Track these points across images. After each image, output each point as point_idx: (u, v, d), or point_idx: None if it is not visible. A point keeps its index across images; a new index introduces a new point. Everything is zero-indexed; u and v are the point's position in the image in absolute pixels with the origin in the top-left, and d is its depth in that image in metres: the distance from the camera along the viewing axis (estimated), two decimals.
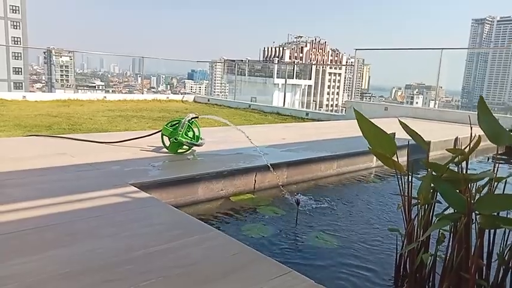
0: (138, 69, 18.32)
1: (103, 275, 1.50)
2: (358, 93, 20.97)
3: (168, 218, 2.15)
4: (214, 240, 1.89)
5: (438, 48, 9.44)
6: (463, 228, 1.71)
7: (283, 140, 4.79)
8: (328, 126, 7.40)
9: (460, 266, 1.74)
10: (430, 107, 10.06)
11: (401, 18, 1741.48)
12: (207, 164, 3.34)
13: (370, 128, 1.95)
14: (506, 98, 66.03)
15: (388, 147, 1.95)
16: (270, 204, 3.12)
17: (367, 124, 1.96)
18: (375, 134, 1.95)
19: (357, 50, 10.66)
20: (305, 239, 2.51)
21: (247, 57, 29.02)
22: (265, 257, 1.73)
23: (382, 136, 1.93)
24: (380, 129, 1.94)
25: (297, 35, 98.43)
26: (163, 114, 9.87)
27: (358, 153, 4.35)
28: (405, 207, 1.96)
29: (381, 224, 2.83)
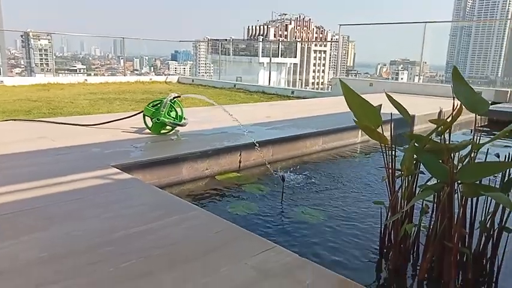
0: (120, 51, 17.91)
1: (83, 257, 1.47)
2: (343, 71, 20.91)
3: (150, 199, 2.12)
4: (197, 219, 1.87)
5: (421, 22, 9.40)
6: (446, 197, 1.72)
7: (269, 118, 4.76)
8: (314, 103, 7.38)
9: (443, 235, 1.75)
10: (415, 82, 10.09)
11: None
12: (191, 144, 3.29)
13: (356, 100, 1.93)
14: (488, 72, 66.76)
15: (374, 119, 1.94)
16: (256, 182, 3.11)
17: (353, 96, 1.93)
18: (361, 106, 1.93)
19: (341, 26, 10.56)
20: (291, 214, 2.51)
21: (232, 36, 28.50)
22: (250, 233, 1.72)
23: (368, 108, 1.92)
24: (366, 101, 1.92)
25: (281, 12, 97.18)
26: (146, 96, 9.70)
27: (343, 129, 4.35)
28: (389, 179, 1.96)
29: (366, 197, 2.85)
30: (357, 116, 1.96)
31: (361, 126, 1.99)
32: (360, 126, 1.99)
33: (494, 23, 67.32)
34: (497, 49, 68.59)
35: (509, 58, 15.57)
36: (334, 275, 1.45)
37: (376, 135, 1.95)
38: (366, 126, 1.96)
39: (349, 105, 1.96)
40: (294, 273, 1.41)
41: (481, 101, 1.88)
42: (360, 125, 1.98)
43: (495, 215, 1.80)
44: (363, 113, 1.95)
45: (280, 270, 1.42)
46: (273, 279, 1.36)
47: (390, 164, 1.95)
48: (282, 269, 1.42)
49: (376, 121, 1.94)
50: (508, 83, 12.46)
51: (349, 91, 1.93)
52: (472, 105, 1.85)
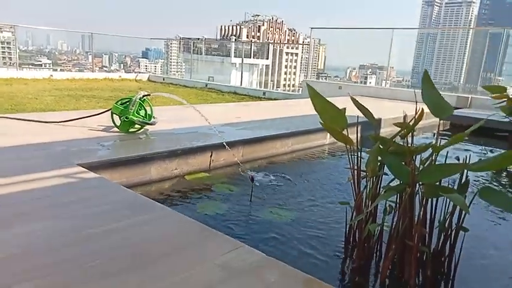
0: (88, 46, 17.41)
1: (46, 258, 1.43)
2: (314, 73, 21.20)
3: (117, 198, 2.08)
4: (165, 218, 1.86)
5: (389, 28, 9.69)
6: (407, 198, 1.79)
7: (240, 119, 4.77)
8: (284, 105, 7.45)
9: (404, 234, 1.82)
10: (382, 86, 10.38)
11: None
12: (160, 143, 3.25)
13: (322, 103, 1.98)
14: (452, 78, 69.68)
15: (339, 122, 1.99)
16: (226, 182, 3.11)
17: (319, 99, 1.98)
18: (327, 109, 1.98)
19: (312, 29, 10.72)
20: (259, 214, 2.53)
21: (204, 36, 28.29)
22: (218, 233, 1.72)
23: (334, 110, 1.97)
24: (331, 104, 1.97)
25: (254, 13, 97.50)
26: (115, 93, 9.49)
27: (312, 131, 4.42)
28: (354, 180, 2.02)
29: (332, 197, 2.91)
30: (323, 118, 2.01)
31: (326, 128, 2.04)
32: (326, 128, 2.05)
33: (457, 31, 70.21)
34: (460, 56, 71.66)
35: (470, 66, 16.27)
36: (299, 274, 1.47)
37: (342, 137, 2.00)
38: (332, 128, 2.01)
39: (315, 108, 2.00)
40: (260, 272, 1.42)
41: (446, 106, 1.96)
42: (325, 127, 2.03)
43: (453, 215, 1.88)
44: (328, 115, 2.00)
45: (246, 269, 1.43)
46: (239, 278, 1.38)
47: (355, 165, 2.01)
48: (248, 268, 1.44)
49: (341, 123, 1.99)
50: (469, 89, 13.01)
51: (316, 94, 1.97)
52: (437, 109, 1.93)
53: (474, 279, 1.99)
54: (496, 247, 2.37)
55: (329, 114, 2.00)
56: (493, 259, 2.21)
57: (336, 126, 2.01)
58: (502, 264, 2.17)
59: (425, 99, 1.92)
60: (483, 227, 2.59)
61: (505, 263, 2.19)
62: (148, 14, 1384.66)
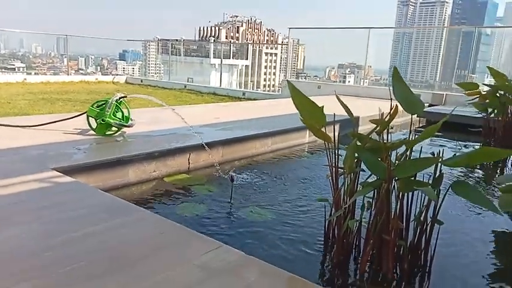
0: (63, 49, 17.04)
1: (20, 264, 1.40)
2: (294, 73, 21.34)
3: (93, 202, 2.05)
4: (142, 221, 1.84)
5: (366, 27, 9.84)
6: (384, 193, 1.82)
7: (219, 120, 4.75)
8: (264, 105, 7.47)
9: (381, 229, 1.85)
10: (361, 85, 10.52)
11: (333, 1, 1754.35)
12: (138, 146, 3.21)
13: (302, 100, 1.99)
14: (428, 76, 71.32)
15: (319, 119, 2.01)
16: (205, 183, 3.10)
17: (299, 96, 1.99)
18: (307, 106, 2.00)
19: (290, 29, 10.78)
20: (239, 214, 2.53)
21: (182, 37, 28.08)
22: (196, 234, 1.71)
23: (313, 108, 1.99)
24: (311, 101, 1.99)
25: (233, 14, 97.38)
26: (92, 96, 9.32)
27: (291, 130, 4.44)
28: (333, 177, 2.04)
29: (312, 195, 2.93)
30: (303, 116, 2.03)
31: (307, 124, 2.06)
32: (306, 125, 2.06)
33: (432, 30, 71.89)
34: (435, 55, 73.34)
35: (445, 64, 16.67)
36: (279, 271, 1.48)
37: (321, 134, 2.02)
38: (312, 125, 2.03)
39: (295, 105, 2.02)
40: (240, 271, 1.42)
41: (417, 103, 2.01)
42: (306, 123, 2.05)
43: (428, 208, 1.92)
44: (308, 112, 2.02)
45: (225, 269, 1.43)
46: (218, 278, 1.37)
47: (334, 162, 2.03)
48: (227, 268, 1.44)
49: (320, 120, 2.01)
50: (445, 87, 13.32)
51: (296, 91, 1.99)
52: (409, 106, 1.97)
53: (448, 270, 2.03)
54: (468, 239, 2.43)
55: (308, 111, 2.02)
56: (465, 251, 2.27)
57: (315, 123, 2.03)
58: (473, 255, 2.23)
59: (397, 97, 1.95)
60: (457, 220, 2.66)
61: (475, 254, 2.25)
62: (126, 16, 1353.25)
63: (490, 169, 4.31)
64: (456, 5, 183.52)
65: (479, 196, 1.75)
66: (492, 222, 2.65)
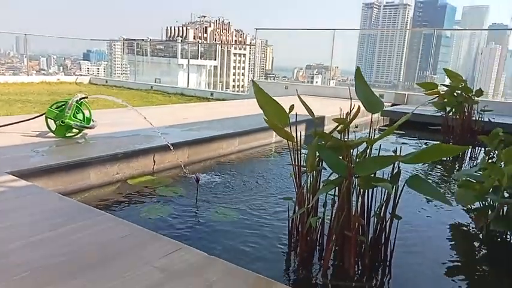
0: (23, 49, 16.35)
1: None
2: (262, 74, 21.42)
3: (51, 206, 1.98)
4: (102, 224, 1.79)
5: (331, 28, 10.03)
6: (344, 190, 1.86)
7: (186, 120, 4.71)
8: (232, 105, 7.46)
9: (343, 225, 1.89)
10: (329, 85, 10.71)
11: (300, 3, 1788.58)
12: (100, 147, 3.13)
13: (265, 98, 2.01)
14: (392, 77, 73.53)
15: (282, 118, 2.03)
16: (171, 184, 3.06)
17: (263, 96, 2.00)
18: (271, 106, 2.01)
19: (257, 30, 10.84)
20: (205, 214, 2.51)
21: (149, 37, 27.62)
22: (158, 236, 1.69)
23: (277, 107, 2.00)
24: (275, 102, 2.00)
25: (201, 14, 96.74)
26: (53, 97, 8.99)
27: (258, 130, 4.46)
28: (296, 176, 2.07)
29: (278, 194, 2.95)
30: (267, 115, 2.05)
31: (270, 124, 2.07)
32: (269, 124, 2.08)
33: (395, 32, 74.22)
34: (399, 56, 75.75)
35: (408, 65, 17.24)
36: (242, 271, 1.48)
37: (283, 133, 2.04)
38: (275, 124, 2.04)
39: (259, 105, 2.03)
40: (202, 272, 1.41)
41: (377, 102, 2.06)
42: (269, 123, 2.07)
43: (388, 204, 1.98)
44: (271, 111, 2.03)
45: (187, 270, 1.42)
46: (179, 280, 1.36)
47: (296, 161, 2.06)
48: (189, 269, 1.43)
49: (283, 120, 2.03)
50: (407, 87, 13.76)
51: (260, 91, 2.00)
52: (370, 105, 2.03)
53: (408, 263, 2.10)
54: (427, 232, 2.53)
55: (272, 111, 2.03)
56: (424, 243, 2.36)
57: (279, 123, 2.04)
58: (431, 248, 2.32)
59: (359, 96, 2.00)
60: (417, 215, 2.75)
61: (434, 246, 2.34)
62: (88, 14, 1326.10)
63: (449, 166, 4.49)
64: (418, 8, 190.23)
65: (431, 189, 1.83)
66: (449, 216, 2.76)
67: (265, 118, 2.06)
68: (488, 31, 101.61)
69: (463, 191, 2.54)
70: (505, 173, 2.33)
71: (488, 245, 2.41)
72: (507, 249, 2.39)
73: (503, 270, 2.15)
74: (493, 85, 64.11)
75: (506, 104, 7.85)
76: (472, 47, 67.04)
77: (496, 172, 2.38)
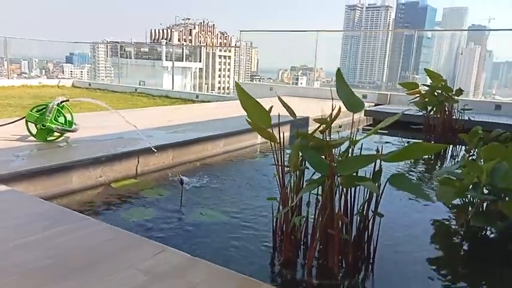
0: (3, 52, 16.03)
1: None
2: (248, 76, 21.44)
3: (33, 211, 1.95)
4: (86, 228, 1.77)
5: (314, 30, 10.11)
6: (327, 189, 1.88)
7: (170, 122, 4.68)
8: (217, 107, 7.45)
9: (327, 224, 1.91)
10: (313, 86, 10.78)
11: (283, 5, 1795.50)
12: (82, 151, 3.09)
13: (248, 100, 2.02)
14: (375, 78, 74.55)
15: (264, 120, 2.04)
16: (155, 187, 3.04)
17: (247, 98, 2.01)
18: (254, 107, 2.02)
19: (242, 32, 10.85)
20: (189, 216, 2.51)
21: (133, 39, 27.39)
22: (142, 239, 1.68)
23: (259, 109, 2.01)
24: (257, 102, 2.01)
25: (185, 17, 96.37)
26: (35, 101, 8.82)
27: (243, 131, 4.46)
28: (279, 176, 2.08)
29: (262, 194, 2.96)
30: (250, 117, 2.06)
31: (253, 125, 2.08)
32: (252, 126, 2.09)
33: (378, 34, 75.32)
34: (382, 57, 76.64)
35: (390, 66, 17.49)
36: (226, 271, 1.48)
37: (266, 134, 2.06)
38: (257, 125, 2.05)
39: (243, 106, 2.04)
40: (185, 274, 1.41)
41: (358, 102, 2.09)
42: (252, 124, 2.08)
43: (370, 202, 2.01)
44: (254, 113, 2.04)
45: (170, 272, 1.41)
46: (163, 282, 1.35)
47: (280, 161, 2.07)
48: (173, 270, 1.42)
49: (266, 122, 2.04)
50: (391, 87, 13.95)
51: (243, 93, 2.01)
52: (350, 105, 2.05)
53: (391, 260, 2.13)
54: (409, 229, 2.57)
55: (255, 113, 2.04)
56: (407, 240, 2.40)
57: (261, 124, 2.06)
58: (414, 244, 2.36)
59: (340, 96, 2.03)
60: (400, 212, 2.80)
61: (416, 243, 2.38)
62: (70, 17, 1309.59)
63: (431, 164, 4.57)
64: (399, 10, 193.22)
65: (412, 186, 1.86)
66: (432, 213, 2.81)
67: (248, 120, 2.07)
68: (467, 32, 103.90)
69: (444, 189, 2.59)
70: (484, 170, 2.39)
71: (468, 241, 2.47)
72: (487, 244, 2.45)
73: (483, 265, 2.20)
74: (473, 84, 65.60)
75: (485, 102, 8.03)
76: (453, 47, 68.56)
77: (475, 169, 2.43)
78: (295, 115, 2.15)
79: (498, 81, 79.26)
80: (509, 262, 2.20)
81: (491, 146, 2.68)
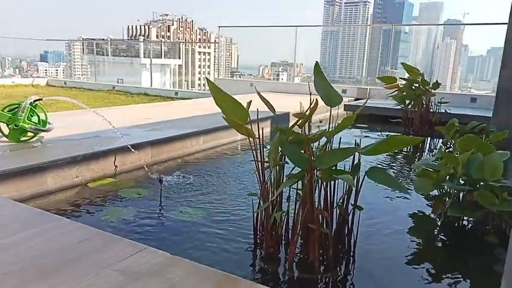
0: None
1: None
2: (228, 72, 21.33)
3: (5, 213, 1.89)
4: (61, 229, 1.72)
5: (293, 25, 10.12)
6: (307, 184, 1.88)
7: (149, 120, 4.61)
8: (196, 103, 7.39)
9: (307, 218, 1.91)
10: (294, 82, 10.80)
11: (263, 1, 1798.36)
12: (57, 150, 3.00)
13: (223, 98, 1.99)
14: (355, 72, 75.26)
15: (241, 115, 2.01)
16: (134, 186, 2.99)
17: (220, 94, 1.99)
18: (228, 103, 1.99)
19: (220, 28, 10.77)
20: (169, 214, 2.47)
21: (110, 36, 26.89)
22: (119, 238, 1.64)
23: (235, 105, 1.99)
24: (232, 99, 1.99)
25: (163, 13, 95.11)
26: (8, 100, 8.53)
27: (224, 128, 4.42)
28: (259, 171, 2.07)
29: (244, 190, 2.95)
30: (225, 113, 2.03)
31: (229, 121, 2.06)
32: (228, 122, 2.06)
33: (357, 29, 76.08)
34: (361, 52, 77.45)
35: (370, 60, 17.69)
36: (206, 269, 1.46)
37: (244, 130, 2.03)
38: (233, 121, 2.03)
39: (216, 103, 2.01)
40: (164, 272, 1.39)
41: (335, 96, 2.09)
42: (228, 120, 2.05)
43: (350, 196, 2.02)
44: (230, 109, 2.02)
45: (150, 271, 1.38)
46: (141, 281, 1.33)
47: (259, 157, 2.05)
48: (151, 270, 1.39)
49: (242, 117, 2.02)
50: (370, 82, 14.12)
51: (216, 89, 1.98)
52: (328, 99, 2.05)
53: (372, 252, 2.15)
54: (389, 222, 2.60)
55: (229, 109, 2.02)
56: (387, 233, 2.43)
57: (238, 120, 2.03)
58: (393, 236, 2.39)
59: (318, 90, 2.03)
60: (380, 204, 2.83)
61: (396, 235, 2.41)
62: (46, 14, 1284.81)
63: (410, 157, 4.65)
64: (377, 5, 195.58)
65: (389, 179, 1.88)
66: (411, 204, 2.86)
67: (224, 117, 2.05)
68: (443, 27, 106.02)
69: (422, 180, 2.63)
70: (460, 161, 2.44)
71: (446, 231, 2.51)
72: (464, 234, 2.50)
73: (460, 253, 2.24)
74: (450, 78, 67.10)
75: (461, 95, 8.21)
76: (430, 42, 69.91)
77: (451, 161, 2.48)
78: (275, 110, 2.14)
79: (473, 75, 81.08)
80: (484, 251, 2.25)
81: (467, 138, 2.74)
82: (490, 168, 2.35)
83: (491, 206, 2.26)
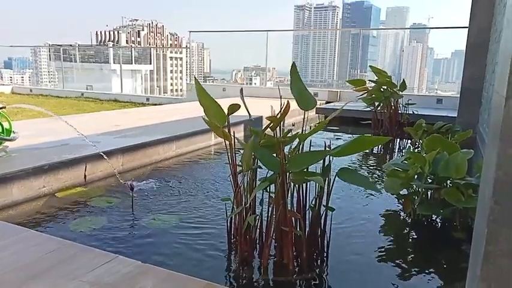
0: None
1: None
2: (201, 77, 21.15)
3: None
4: (27, 241, 1.66)
5: (264, 30, 10.20)
6: (279, 186, 1.89)
7: (119, 127, 4.52)
8: (168, 109, 7.31)
9: (280, 221, 1.92)
10: (266, 86, 10.86)
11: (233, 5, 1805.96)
12: (23, 160, 2.90)
13: (206, 98, 1.98)
14: (326, 76, 76.35)
15: (219, 118, 2.02)
16: (104, 194, 2.92)
17: (205, 96, 1.98)
18: (211, 105, 1.99)
19: (191, 32, 10.72)
20: (141, 223, 2.42)
21: (77, 42, 26.26)
22: (89, 248, 1.60)
23: (216, 108, 1.99)
24: (215, 101, 1.99)
25: (132, 18, 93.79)
26: None
27: (196, 133, 4.40)
28: (232, 175, 2.06)
29: (217, 195, 2.93)
30: (208, 115, 2.03)
31: (209, 123, 2.06)
32: (208, 124, 2.06)
33: (327, 33, 77.51)
34: (331, 56, 78.74)
35: (340, 64, 18.02)
36: (179, 275, 1.45)
37: (221, 132, 2.03)
38: (213, 124, 2.03)
39: (201, 104, 2.00)
40: (136, 281, 1.36)
41: (310, 99, 2.11)
42: (208, 122, 2.05)
43: (322, 197, 2.04)
44: (211, 111, 2.02)
45: (120, 281, 1.35)
46: None
47: (232, 161, 2.05)
48: (122, 279, 1.36)
49: (221, 120, 2.02)
50: (341, 85, 14.36)
51: (202, 91, 1.97)
52: (302, 102, 2.07)
53: (345, 252, 2.18)
54: (361, 221, 2.64)
55: (212, 111, 2.02)
56: (359, 232, 2.47)
57: (217, 122, 2.03)
58: (365, 235, 2.43)
59: (293, 93, 2.04)
60: (352, 204, 2.87)
61: (368, 233, 2.45)
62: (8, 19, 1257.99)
63: (381, 157, 4.75)
64: (346, 10, 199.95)
65: (359, 179, 1.92)
66: (382, 203, 2.92)
67: (205, 119, 2.05)
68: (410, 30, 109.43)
69: (391, 180, 2.69)
70: (427, 160, 2.51)
71: (416, 228, 2.58)
72: (433, 231, 2.57)
73: (429, 250, 2.30)
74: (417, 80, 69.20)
75: (428, 97, 8.48)
76: (397, 45, 72.02)
77: (419, 160, 2.55)
78: (250, 114, 2.15)
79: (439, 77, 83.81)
80: (452, 247, 2.32)
81: (433, 138, 2.83)
82: (455, 166, 2.43)
83: (458, 203, 2.34)
